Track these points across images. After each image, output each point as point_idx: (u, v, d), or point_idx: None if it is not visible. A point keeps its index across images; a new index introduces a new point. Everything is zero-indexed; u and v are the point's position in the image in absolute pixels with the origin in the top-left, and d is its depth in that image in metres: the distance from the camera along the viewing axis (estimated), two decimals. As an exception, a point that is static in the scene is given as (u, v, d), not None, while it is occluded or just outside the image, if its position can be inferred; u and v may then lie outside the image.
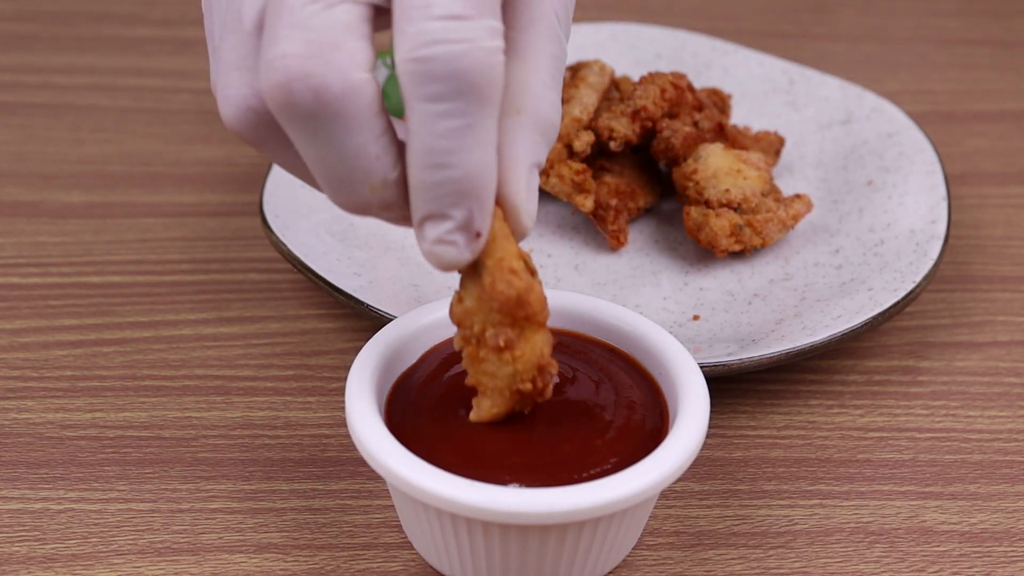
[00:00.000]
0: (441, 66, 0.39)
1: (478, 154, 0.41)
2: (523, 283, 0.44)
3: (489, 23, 0.40)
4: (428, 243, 0.43)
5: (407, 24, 0.40)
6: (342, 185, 0.43)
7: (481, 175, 0.42)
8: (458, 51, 0.39)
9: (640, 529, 0.50)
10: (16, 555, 0.50)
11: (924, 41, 0.91)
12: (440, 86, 0.40)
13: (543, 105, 0.44)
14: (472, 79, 0.40)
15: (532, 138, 0.44)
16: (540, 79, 0.44)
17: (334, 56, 0.40)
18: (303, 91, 0.40)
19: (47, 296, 0.63)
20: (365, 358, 0.49)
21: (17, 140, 0.76)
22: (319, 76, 0.40)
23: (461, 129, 0.41)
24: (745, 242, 0.64)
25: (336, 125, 0.41)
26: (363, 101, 0.41)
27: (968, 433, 0.57)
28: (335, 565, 0.50)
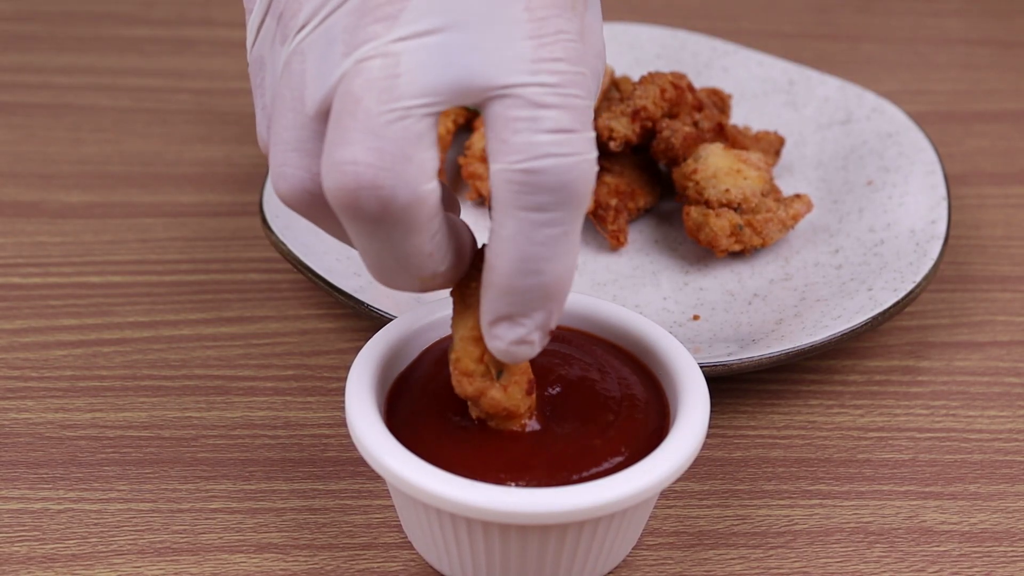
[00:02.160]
0: (551, 179, 0.40)
1: (570, 260, 0.41)
2: (472, 389, 0.45)
3: (590, 135, 0.40)
4: (505, 343, 0.43)
5: (512, 135, 0.40)
6: (390, 275, 0.43)
7: (567, 279, 0.42)
8: (567, 164, 0.40)
9: (640, 529, 0.50)
10: (16, 555, 0.50)
11: (924, 41, 0.91)
12: (546, 197, 0.40)
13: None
14: (577, 190, 0.40)
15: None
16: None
17: (405, 169, 0.40)
18: (370, 199, 0.40)
19: (47, 296, 0.63)
20: (365, 358, 0.49)
21: (17, 140, 0.76)
22: (389, 188, 0.40)
23: (558, 237, 0.41)
24: (745, 242, 0.64)
25: (397, 231, 0.41)
26: (426, 210, 0.41)
27: (968, 433, 0.57)
28: (335, 565, 0.50)
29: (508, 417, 0.47)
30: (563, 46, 0.40)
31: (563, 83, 0.40)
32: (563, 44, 0.40)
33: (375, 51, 0.40)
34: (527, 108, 0.40)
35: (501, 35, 0.40)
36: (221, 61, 0.85)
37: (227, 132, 0.77)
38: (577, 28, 0.41)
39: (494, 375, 0.45)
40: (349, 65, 0.40)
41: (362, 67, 0.40)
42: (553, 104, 0.40)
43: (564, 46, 0.40)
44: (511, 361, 0.44)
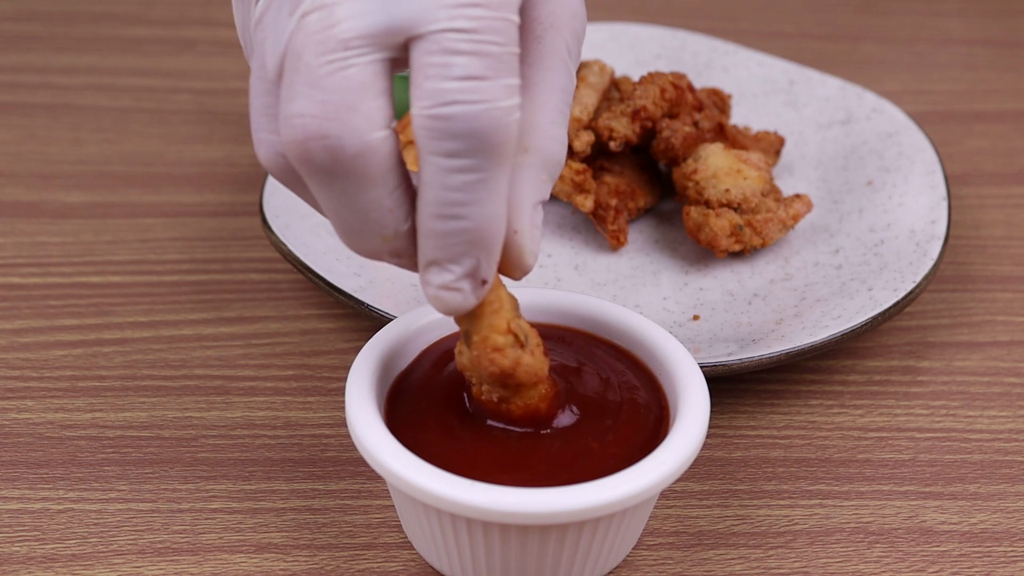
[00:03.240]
0: (457, 125, 0.40)
1: (490, 207, 0.42)
2: (508, 361, 0.45)
3: (506, 82, 0.40)
4: (433, 288, 0.43)
5: (424, 80, 0.40)
6: (355, 234, 0.44)
7: (492, 226, 0.42)
8: (474, 112, 0.40)
9: (640, 529, 0.50)
10: (16, 555, 0.50)
11: (924, 41, 0.91)
12: (455, 144, 0.40)
13: (550, 143, 0.45)
14: (487, 138, 0.40)
15: (537, 176, 0.45)
16: (548, 116, 0.45)
17: (350, 118, 0.40)
18: (319, 150, 0.41)
19: (47, 296, 0.63)
20: (365, 358, 0.49)
21: (17, 140, 0.76)
22: (335, 137, 0.40)
23: (474, 183, 0.41)
24: (745, 242, 0.64)
25: (351, 182, 0.41)
26: (378, 159, 0.41)
27: (968, 433, 0.57)
28: (335, 565, 0.50)
29: (535, 383, 0.46)
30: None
31: (479, 29, 0.40)
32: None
33: (313, 5, 0.41)
34: (439, 54, 0.40)
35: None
36: (221, 61, 0.85)
37: (227, 132, 0.77)
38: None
39: (524, 342, 0.45)
40: (293, 24, 0.41)
41: (303, 23, 0.41)
42: (465, 51, 0.40)
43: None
44: (441, 310, 0.44)
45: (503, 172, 0.41)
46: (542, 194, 0.45)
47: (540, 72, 0.45)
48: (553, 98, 0.45)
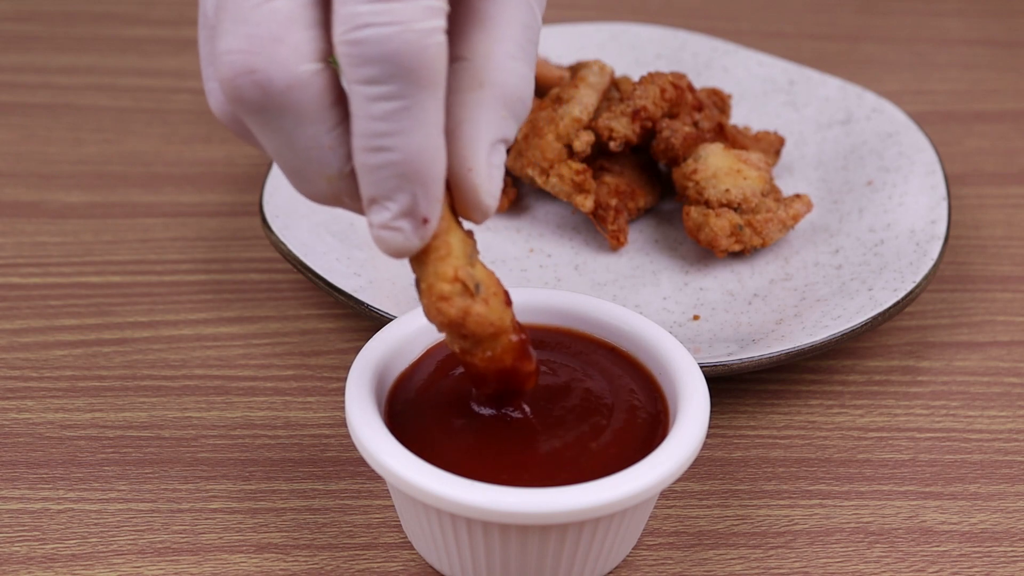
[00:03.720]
0: (372, 49, 0.39)
1: (418, 137, 0.40)
2: (454, 311, 0.43)
3: (424, 3, 0.39)
4: (375, 228, 0.42)
5: (340, 6, 0.39)
6: (300, 176, 0.43)
7: (422, 159, 0.40)
8: (386, 34, 0.39)
9: (640, 529, 0.50)
10: (16, 555, 0.50)
11: (924, 41, 0.91)
12: (372, 69, 0.39)
13: (508, 77, 0.43)
14: (403, 62, 0.39)
15: (495, 113, 0.43)
16: (505, 50, 0.43)
17: (276, 50, 0.40)
18: (248, 87, 0.40)
19: (47, 296, 0.63)
20: (365, 358, 0.49)
21: (17, 140, 0.76)
22: (262, 71, 0.40)
23: (398, 111, 0.40)
24: (745, 242, 0.64)
25: (285, 118, 0.41)
26: (311, 94, 0.40)
27: (968, 433, 0.57)
28: (335, 565, 0.50)
29: (495, 335, 0.44)
30: None
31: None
32: None
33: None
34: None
35: None
36: (221, 61, 0.85)
37: (227, 132, 0.77)
38: None
39: (473, 290, 0.43)
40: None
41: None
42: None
43: None
44: (385, 251, 0.42)
45: (431, 100, 0.40)
46: (502, 132, 0.43)
47: (495, 5, 0.43)
48: (511, 31, 0.43)
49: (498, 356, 0.45)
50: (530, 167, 0.65)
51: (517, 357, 0.46)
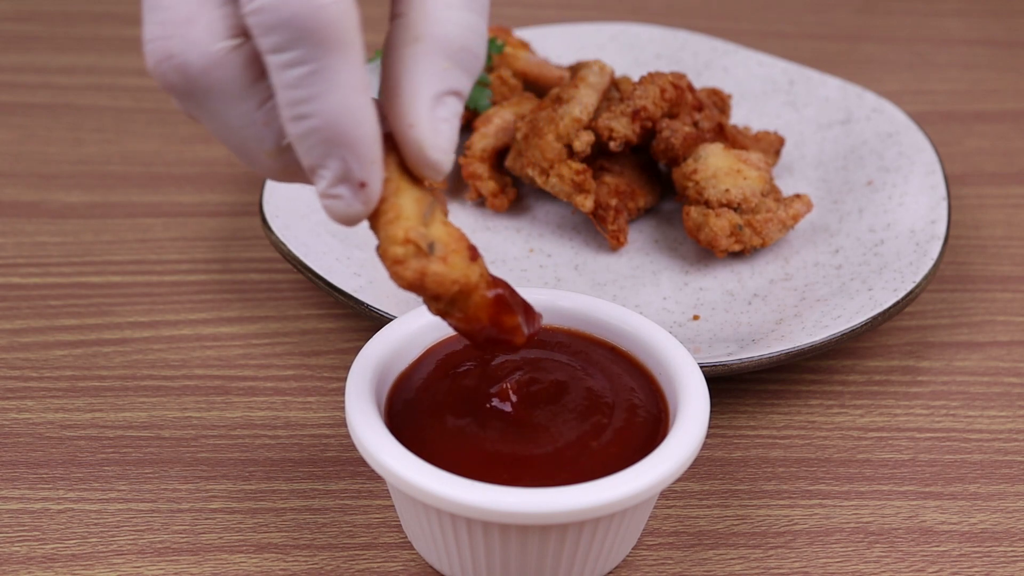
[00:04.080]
0: (270, 17, 0.39)
1: (333, 100, 0.40)
2: (410, 273, 0.42)
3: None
4: (320, 197, 0.42)
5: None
6: (244, 155, 0.43)
7: (343, 122, 0.40)
8: (280, 1, 0.39)
9: (640, 529, 0.50)
10: (16, 555, 0.50)
11: (924, 41, 0.91)
12: (276, 36, 0.39)
13: (447, 28, 0.42)
14: (302, 25, 0.39)
15: (434, 65, 0.42)
16: (443, 1, 0.42)
17: (189, 31, 0.40)
18: (171, 72, 0.40)
19: (47, 296, 0.63)
20: (365, 358, 0.49)
21: (17, 140, 0.76)
22: (179, 55, 0.40)
23: (308, 76, 0.39)
24: (745, 242, 0.64)
25: (212, 99, 0.41)
26: (230, 72, 0.40)
27: (968, 433, 0.57)
28: (335, 565, 0.50)
29: (465, 292, 0.43)
30: None
31: None
32: None
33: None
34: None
35: None
36: (221, 61, 0.85)
37: None
38: None
39: (426, 250, 0.42)
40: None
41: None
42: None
43: None
44: (335, 220, 0.42)
45: (341, 61, 0.39)
46: (447, 84, 0.42)
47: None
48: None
49: (473, 315, 0.44)
50: (530, 167, 0.65)
51: (494, 313, 0.44)
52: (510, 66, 0.73)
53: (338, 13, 0.39)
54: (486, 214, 0.68)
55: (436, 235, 0.42)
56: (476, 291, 0.43)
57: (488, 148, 0.68)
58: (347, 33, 0.39)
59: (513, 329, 0.45)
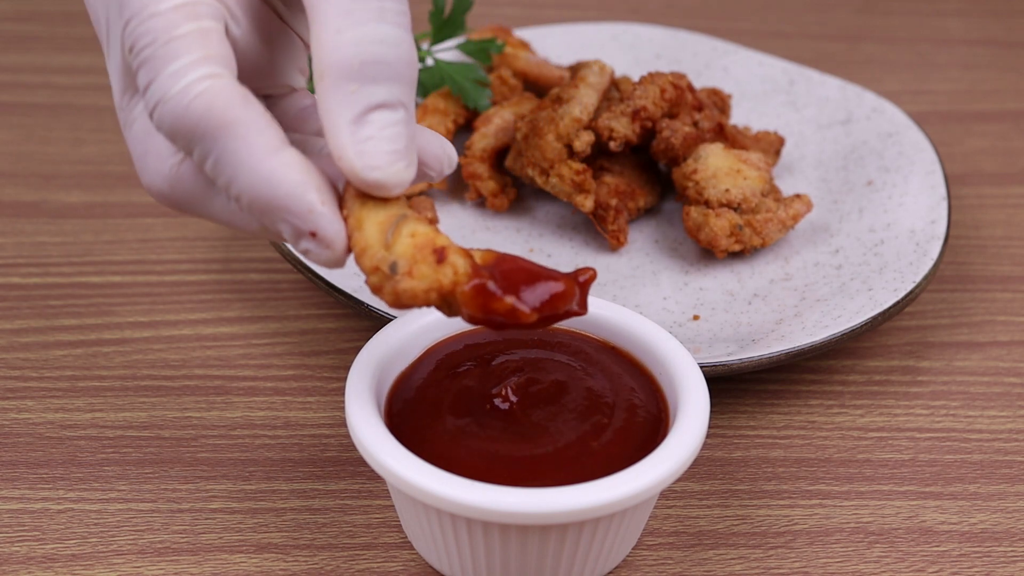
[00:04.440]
0: (166, 129, 0.43)
1: (245, 178, 0.42)
2: (389, 297, 0.43)
3: (169, 70, 0.42)
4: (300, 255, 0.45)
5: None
6: (249, 235, 0.48)
7: (263, 192, 0.42)
8: (161, 114, 0.42)
9: (640, 529, 0.50)
10: (16, 555, 0.50)
11: (924, 41, 0.91)
12: (180, 142, 0.43)
13: (341, 52, 0.42)
14: (184, 126, 0.42)
15: (341, 92, 0.42)
16: (329, 27, 0.42)
17: (147, 163, 0.46)
18: (155, 197, 0.47)
19: (47, 296, 0.63)
20: (365, 358, 0.49)
21: (17, 140, 0.76)
22: (148, 183, 0.46)
23: (216, 166, 0.42)
24: (745, 242, 0.64)
25: (191, 205, 0.46)
26: (189, 181, 0.45)
27: (968, 433, 0.57)
28: (335, 565, 0.50)
29: (445, 294, 0.43)
30: None
31: (132, 25, 0.42)
32: None
33: None
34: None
35: None
36: (221, 61, 0.85)
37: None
38: None
39: (389, 272, 0.43)
40: None
41: None
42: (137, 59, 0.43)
43: None
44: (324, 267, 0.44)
45: (234, 141, 0.42)
46: (360, 104, 0.42)
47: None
48: (331, 7, 0.43)
49: (466, 310, 0.44)
50: (530, 167, 0.65)
51: (482, 303, 0.43)
52: (510, 66, 0.73)
53: (205, 103, 0.42)
54: (486, 214, 0.68)
55: (400, 251, 0.43)
56: (456, 288, 0.43)
57: (488, 148, 0.68)
58: (225, 112, 0.42)
59: (509, 312, 0.44)
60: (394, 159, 0.43)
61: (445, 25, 0.72)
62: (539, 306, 0.44)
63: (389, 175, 0.43)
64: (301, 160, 0.43)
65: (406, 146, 0.43)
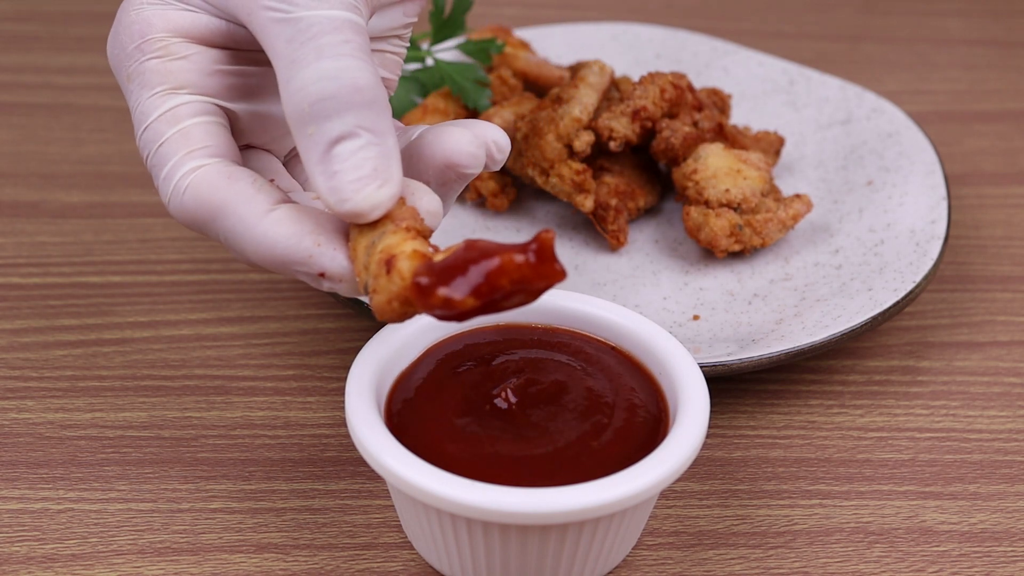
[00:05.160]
0: (181, 222, 0.47)
1: (248, 246, 0.45)
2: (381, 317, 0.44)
3: (166, 170, 0.46)
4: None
5: None
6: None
7: (266, 253, 0.45)
8: (172, 213, 0.47)
9: (640, 529, 0.50)
10: (16, 555, 0.50)
11: (924, 41, 0.91)
12: (195, 230, 0.47)
13: (293, 101, 0.44)
14: (188, 220, 0.46)
15: (304, 135, 0.44)
16: (282, 80, 0.44)
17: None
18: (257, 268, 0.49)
19: (47, 296, 0.63)
20: (365, 358, 0.49)
21: (17, 140, 0.76)
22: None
23: (227, 242, 0.46)
24: (745, 242, 0.64)
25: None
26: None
27: (968, 433, 0.57)
28: (335, 565, 0.50)
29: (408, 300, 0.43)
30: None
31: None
32: None
33: None
34: None
35: None
36: (221, 61, 0.85)
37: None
38: None
39: (367, 290, 0.44)
40: None
41: None
42: None
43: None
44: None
45: (226, 222, 0.45)
46: (321, 142, 0.44)
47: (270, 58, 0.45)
48: (279, 62, 0.45)
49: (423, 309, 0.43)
50: (530, 167, 0.65)
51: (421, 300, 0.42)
52: (510, 66, 0.72)
53: (193, 194, 0.45)
54: (486, 214, 0.68)
55: (372, 270, 0.44)
56: (405, 292, 0.43)
57: (488, 148, 0.68)
58: (213, 196, 0.46)
59: (444, 303, 0.42)
60: (360, 186, 0.44)
61: (445, 25, 0.72)
62: (473, 290, 0.42)
63: (359, 202, 0.44)
64: (291, 212, 0.45)
65: (375, 168, 0.44)
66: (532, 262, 0.41)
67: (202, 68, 0.48)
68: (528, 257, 0.41)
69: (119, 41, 0.48)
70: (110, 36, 0.49)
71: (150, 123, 0.47)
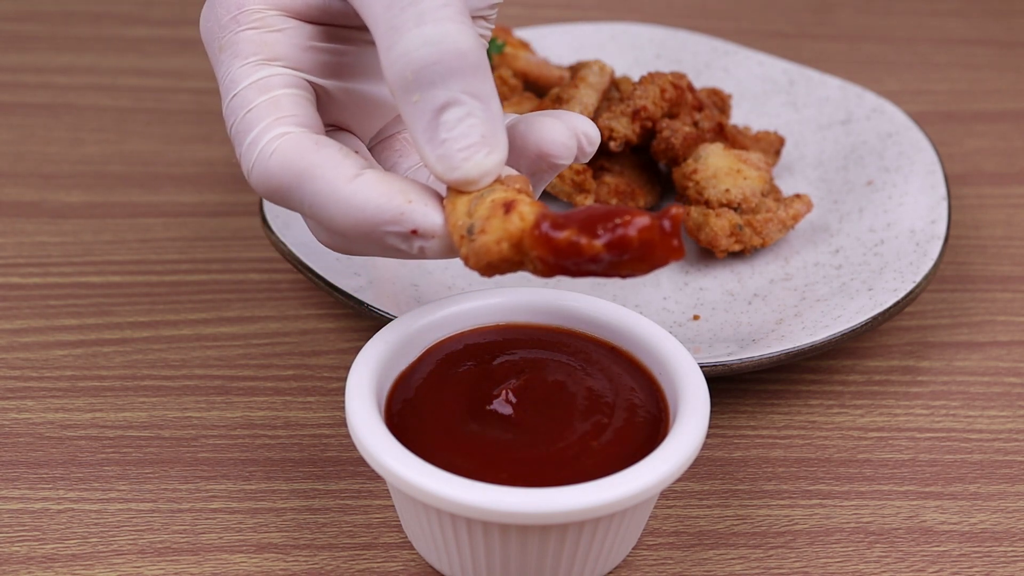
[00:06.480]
0: (260, 191, 0.46)
1: (336, 209, 0.45)
2: (470, 260, 0.43)
3: (252, 135, 0.45)
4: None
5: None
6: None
7: (355, 216, 0.44)
8: (253, 181, 0.46)
9: (640, 529, 0.50)
10: (16, 555, 0.50)
11: (924, 41, 0.91)
12: (276, 200, 0.46)
13: (395, 68, 0.44)
14: (271, 186, 0.46)
15: (409, 104, 0.44)
16: (382, 48, 0.44)
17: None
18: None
19: (47, 296, 0.63)
20: (365, 358, 0.49)
21: (17, 140, 0.76)
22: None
23: (312, 209, 0.45)
24: (745, 242, 0.64)
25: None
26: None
27: (968, 433, 0.57)
28: (335, 565, 0.50)
29: (516, 244, 0.43)
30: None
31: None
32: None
33: None
34: None
35: None
36: (221, 61, 0.85)
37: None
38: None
39: (467, 235, 0.43)
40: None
41: None
42: None
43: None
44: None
45: (312, 185, 0.45)
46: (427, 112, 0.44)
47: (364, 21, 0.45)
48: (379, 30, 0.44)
49: (536, 256, 0.43)
50: (530, 167, 0.65)
51: (544, 240, 0.42)
52: (510, 66, 0.72)
53: (280, 158, 0.45)
54: (486, 214, 0.68)
55: (478, 214, 0.43)
56: (523, 235, 0.43)
57: (488, 148, 0.68)
58: (301, 160, 0.45)
59: (570, 246, 0.42)
60: (470, 153, 0.44)
61: (445, 25, 0.72)
62: (602, 234, 0.41)
63: (469, 170, 0.44)
64: (379, 176, 0.45)
65: (483, 135, 0.44)
66: (664, 229, 0.41)
67: (297, 42, 0.47)
68: (663, 223, 0.41)
69: (214, 13, 0.47)
70: (205, 7, 0.48)
71: (239, 90, 0.46)
